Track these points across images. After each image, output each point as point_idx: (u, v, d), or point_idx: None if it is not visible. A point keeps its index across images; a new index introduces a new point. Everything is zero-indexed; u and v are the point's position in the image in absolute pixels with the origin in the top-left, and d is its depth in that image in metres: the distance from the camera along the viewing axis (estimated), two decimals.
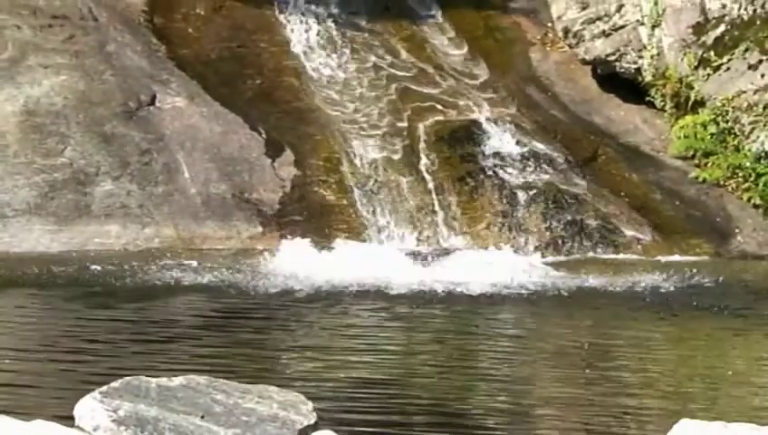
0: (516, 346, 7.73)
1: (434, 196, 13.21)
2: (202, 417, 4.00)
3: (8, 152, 12.22)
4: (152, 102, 13.34)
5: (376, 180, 13.31)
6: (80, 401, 3.99)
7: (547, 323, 9.06)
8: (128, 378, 4.09)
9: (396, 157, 13.61)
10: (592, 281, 10.73)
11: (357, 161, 13.44)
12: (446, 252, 11.88)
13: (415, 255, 11.61)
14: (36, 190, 12.02)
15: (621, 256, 12.60)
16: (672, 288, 10.40)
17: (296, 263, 10.66)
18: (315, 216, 12.78)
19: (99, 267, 10.38)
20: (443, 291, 9.68)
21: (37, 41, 13.39)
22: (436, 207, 13.10)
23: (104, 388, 4.05)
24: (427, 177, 13.42)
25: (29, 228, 11.71)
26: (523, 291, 10.02)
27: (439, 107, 14.33)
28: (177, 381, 4.19)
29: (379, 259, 10.99)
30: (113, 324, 7.86)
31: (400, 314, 8.82)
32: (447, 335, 8.17)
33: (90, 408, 3.97)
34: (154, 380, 4.13)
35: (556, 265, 11.52)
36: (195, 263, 10.66)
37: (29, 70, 13.03)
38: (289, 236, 11.90)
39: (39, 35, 13.46)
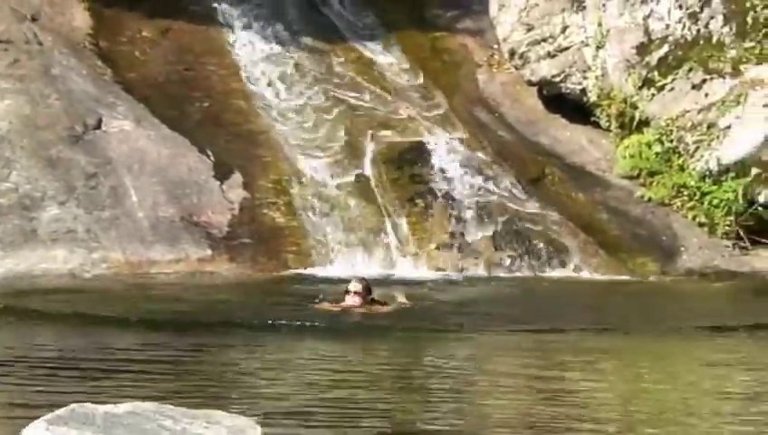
0: None
1: (384, 217, 13.25)
2: None
3: None
4: (98, 126, 13.25)
5: (326, 202, 13.32)
6: (26, 428, 3.95)
7: None
8: (73, 405, 4.05)
9: (346, 178, 13.63)
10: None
11: (307, 183, 13.45)
12: None
13: None
14: None
15: (571, 274, 12.74)
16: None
17: None
18: (265, 238, 12.74)
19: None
20: None
21: None
22: (388, 229, 13.13)
23: (50, 415, 4.01)
24: (378, 198, 13.45)
25: None
26: None
27: (388, 128, 14.39)
28: (124, 407, 4.15)
29: None
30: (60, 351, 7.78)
31: None
32: None
33: None
34: (100, 407, 4.10)
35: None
36: None
37: None
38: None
39: None
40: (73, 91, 13.53)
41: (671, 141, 14.41)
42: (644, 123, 14.65)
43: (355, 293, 9.86)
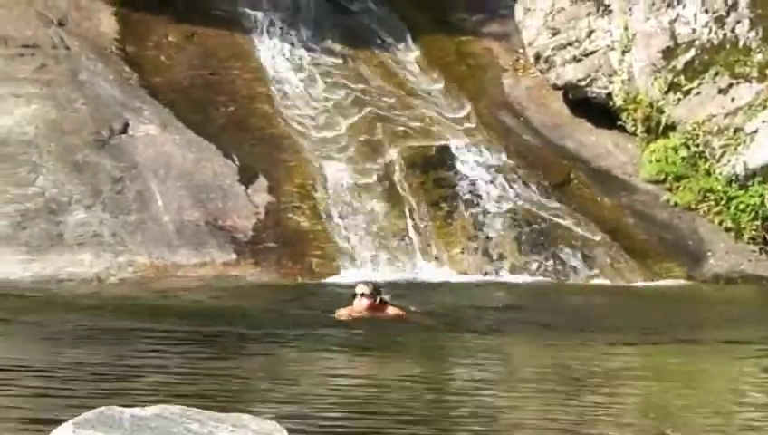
0: None
1: (408, 221, 13.24)
2: None
3: None
4: (125, 131, 13.31)
5: (350, 206, 13.32)
6: (53, 432, 3.95)
7: None
8: (101, 408, 4.06)
9: (370, 182, 13.63)
10: None
11: (331, 187, 13.45)
12: None
13: None
14: (8, 220, 11.95)
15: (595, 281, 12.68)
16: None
17: None
18: (289, 243, 12.76)
19: None
20: None
21: (8, 70, 13.35)
22: (411, 233, 13.12)
23: (78, 418, 4.01)
24: (402, 202, 13.45)
25: (1, 258, 11.62)
26: None
27: (412, 133, 14.38)
28: (151, 410, 4.15)
29: None
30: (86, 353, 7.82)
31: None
32: None
33: None
34: (127, 410, 4.10)
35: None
36: None
37: (0, 99, 12.98)
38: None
39: (10, 65, 13.43)
40: (100, 95, 13.60)
41: (697, 146, 14.34)
42: (670, 127, 14.59)
43: (362, 295, 9.58)
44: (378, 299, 9.69)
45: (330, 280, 12.31)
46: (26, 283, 11.29)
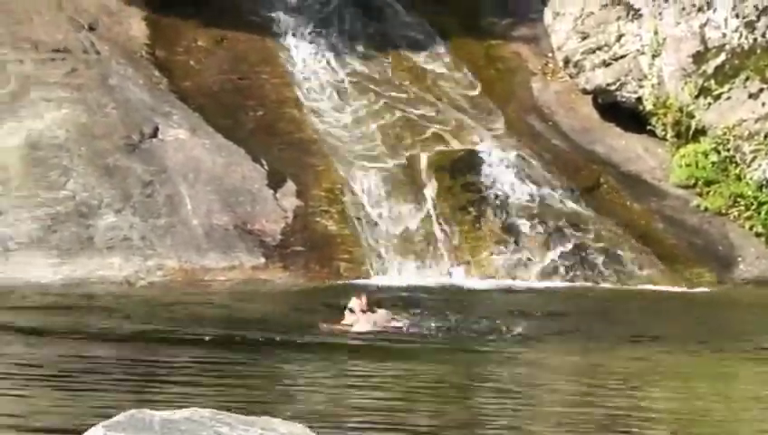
0: None
1: (436, 225, 13.22)
2: None
3: (11, 185, 12.24)
4: (154, 135, 13.37)
5: (378, 210, 13.32)
6: (85, 433, 3.97)
7: None
8: (132, 411, 4.07)
9: (398, 187, 13.63)
10: None
11: (359, 191, 13.46)
12: None
13: None
14: (39, 223, 12.02)
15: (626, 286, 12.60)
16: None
17: None
18: (318, 246, 12.77)
19: None
20: None
21: (39, 74, 13.44)
22: (439, 237, 13.10)
23: (109, 421, 4.03)
24: (430, 206, 13.43)
25: (31, 261, 11.70)
26: None
27: (441, 137, 14.37)
28: (181, 414, 4.16)
29: None
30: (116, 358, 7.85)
31: None
32: None
33: None
34: (158, 413, 4.11)
35: None
36: None
37: (31, 103, 13.07)
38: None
39: (41, 69, 13.51)
40: (130, 100, 13.67)
41: (728, 151, 14.25)
42: (700, 132, 14.50)
43: (362, 310, 9.27)
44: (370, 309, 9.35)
45: (357, 283, 12.30)
46: (57, 286, 11.36)
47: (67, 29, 14.22)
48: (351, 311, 9.30)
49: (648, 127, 14.90)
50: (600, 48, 15.11)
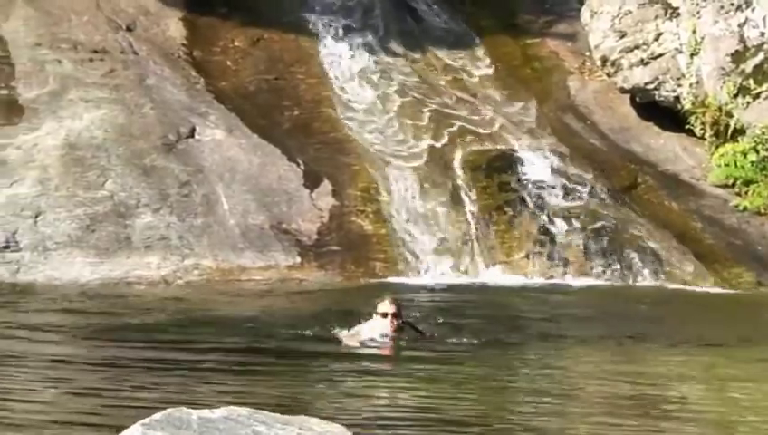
0: None
1: (472, 225, 13.19)
2: None
3: (50, 185, 12.35)
4: (191, 135, 13.45)
5: (413, 210, 13.30)
6: (123, 432, 3.99)
7: None
8: (170, 410, 4.09)
9: (433, 186, 13.61)
10: None
11: (394, 191, 13.45)
12: None
13: None
14: (77, 223, 12.12)
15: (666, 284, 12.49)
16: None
17: None
18: (353, 246, 12.79)
19: None
20: None
21: (78, 75, 13.55)
22: (475, 237, 13.07)
23: (147, 420, 4.05)
24: (465, 206, 13.40)
25: (70, 260, 11.80)
26: None
27: (477, 137, 14.34)
28: (219, 412, 4.18)
29: None
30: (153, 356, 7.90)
31: None
32: None
33: None
34: (195, 411, 4.13)
35: None
36: None
37: (70, 104, 13.18)
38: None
39: (80, 70, 13.63)
40: (167, 100, 13.76)
41: (766, 150, 14.12)
42: (739, 131, 14.38)
43: (393, 315, 8.32)
44: (401, 322, 8.43)
45: (393, 283, 12.29)
46: (95, 285, 11.45)
47: (105, 30, 14.34)
48: (384, 316, 8.39)
49: (687, 126, 14.79)
50: (637, 47, 15.02)
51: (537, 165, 13.95)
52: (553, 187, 13.68)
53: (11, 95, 13.14)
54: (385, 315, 8.32)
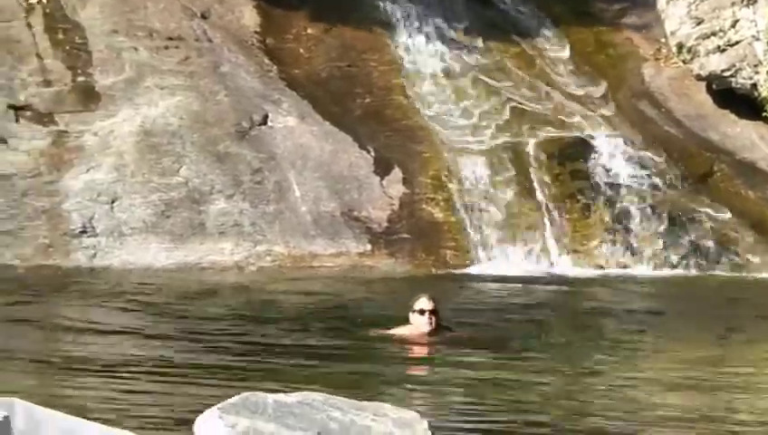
0: None
1: (544, 213, 13.10)
2: (319, 434, 4.02)
3: (126, 172, 12.52)
4: (264, 122, 13.53)
5: (485, 198, 13.25)
6: (199, 416, 4.04)
7: None
8: (245, 394, 4.13)
9: (505, 174, 13.53)
10: None
11: (465, 179, 13.41)
12: None
13: None
14: (152, 209, 12.28)
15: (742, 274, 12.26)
16: None
17: None
18: (423, 234, 12.78)
19: None
20: None
21: (154, 62, 13.70)
22: (547, 225, 12.98)
23: (223, 404, 4.09)
24: (538, 194, 13.31)
25: (145, 246, 11.97)
26: None
27: (550, 124, 14.22)
28: (294, 397, 4.21)
29: None
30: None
31: None
32: None
33: (209, 424, 4.01)
34: (271, 396, 4.16)
35: None
36: None
37: (146, 91, 13.34)
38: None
39: (155, 57, 13.77)
40: (241, 87, 13.85)
41: None
42: None
43: (430, 312, 7.84)
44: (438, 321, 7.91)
45: (463, 271, 12.27)
46: (170, 270, 11.60)
47: (180, 17, 14.46)
48: (422, 312, 7.84)
49: (764, 114, 14.52)
50: (714, 34, 14.78)
51: (611, 152, 13.79)
52: (627, 174, 13.52)
53: (88, 82, 13.33)
54: (422, 312, 7.85)
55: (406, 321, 8.01)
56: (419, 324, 7.82)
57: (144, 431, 4.16)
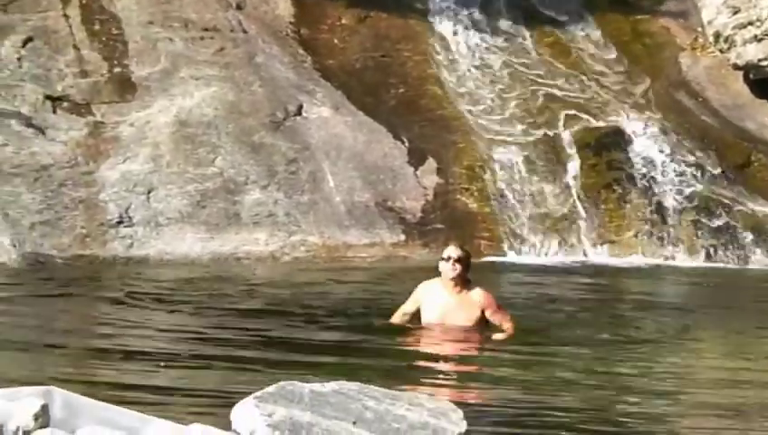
0: None
1: (578, 204, 13.05)
2: (354, 423, 4.04)
3: (162, 162, 12.59)
4: (299, 113, 13.56)
5: (519, 188, 13.22)
6: (236, 405, 4.07)
7: None
8: (282, 383, 4.16)
9: (540, 164, 13.49)
10: None
11: (500, 169, 13.38)
12: None
13: None
14: (188, 199, 12.35)
15: None
16: None
17: None
18: (457, 224, 12.77)
19: None
20: None
21: (189, 53, 13.76)
22: (582, 216, 12.92)
23: (260, 393, 4.12)
24: (572, 184, 13.26)
25: (181, 236, 12.04)
26: None
27: (586, 113, 14.15)
28: (330, 386, 4.23)
29: None
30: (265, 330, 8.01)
31: None
32: None
33: (246, 413, 4.04)
34: (307, 385, 4.19)
35: None
36: None
37: (181, 81, 13.40)
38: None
39: (191, 48, 13.83)
40: (276, 78, 13.89)
41: None
42: None
43: (455, 260, 7.68)
44: (467, 275, 7.74)
45: (497, 261, 12.25)
46: (205, 260, 11.67)
47: (215, 8, 14.51)
48: (447, 259, 7.68)
49: None
50: (751, 23, 14.65)
51: (647, 142, 13.71)
52: (664, 164, 13.44)
53: (124, 73, 13.41)
54: (448, 259, 7.73)
55: None
56: (444, 271, 7.77)
57: (182, 420, 4.19)
